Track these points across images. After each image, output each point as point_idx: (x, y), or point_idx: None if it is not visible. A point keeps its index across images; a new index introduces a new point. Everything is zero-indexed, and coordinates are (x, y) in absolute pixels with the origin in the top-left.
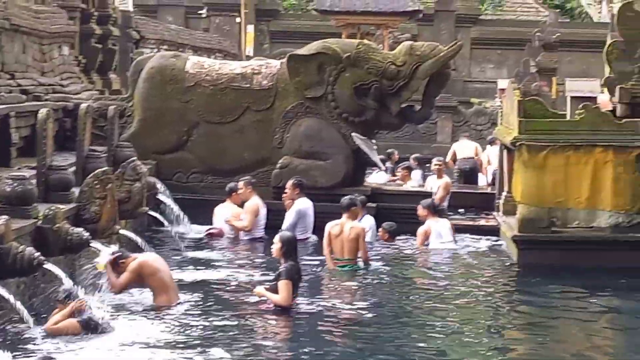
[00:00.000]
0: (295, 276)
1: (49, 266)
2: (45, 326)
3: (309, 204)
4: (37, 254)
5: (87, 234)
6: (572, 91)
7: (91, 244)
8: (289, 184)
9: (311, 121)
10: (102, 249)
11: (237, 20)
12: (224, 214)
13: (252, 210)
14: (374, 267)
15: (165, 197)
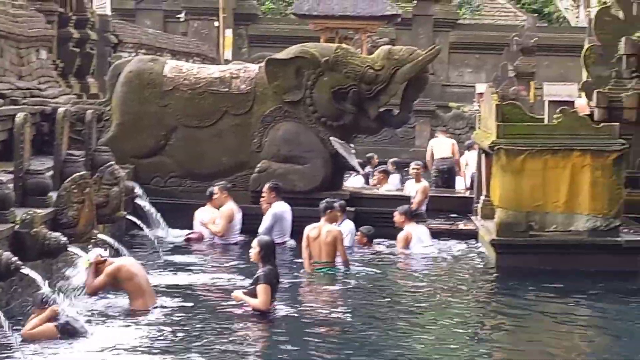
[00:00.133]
0: (273, 280)
1: (26, 271)
2: (22, 331)
3: (286, 208)
4: (14, 258)
5: (64, 239)
6: (550, 95)
7: (69, 249)
8: (266, 187)
9: (289, 125)
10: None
11: (216, 24)
12: (204, 217)
13: (226, 215)
14: (353, 271)
15: (143, 202)
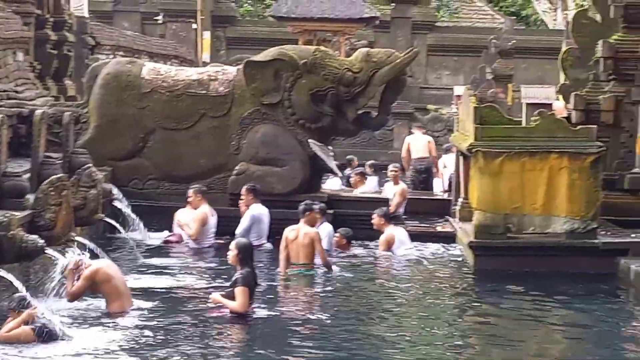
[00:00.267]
0: (251, 283)
1: (2, 273)
2: None
3: (263, 210)
4: None
5: (42, 241)
6: (528, 98)
7: (46, 251)
8: (243, 189)
9: (268, 127)
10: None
11: (194, 26)
12: (182, 219)
13: (199, 219)
14: (331, 274)
15: (121, 204)
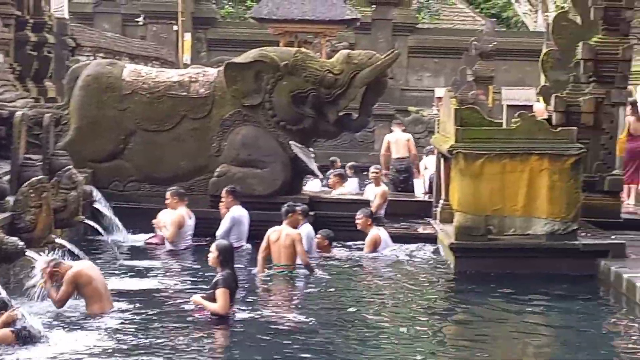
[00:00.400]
0: (232, 284)
1: None
2: None
3: (243, 212)
4: None
5: (22, 243)
6: (509, 100)
7: (26, 253)
8: (223, 192)
9: (249, 129)
10: (37, 259)
11: (175, 28)
12: (161, 221)
13: (175, 222)
14: (312, 275)
15: (101, 206)
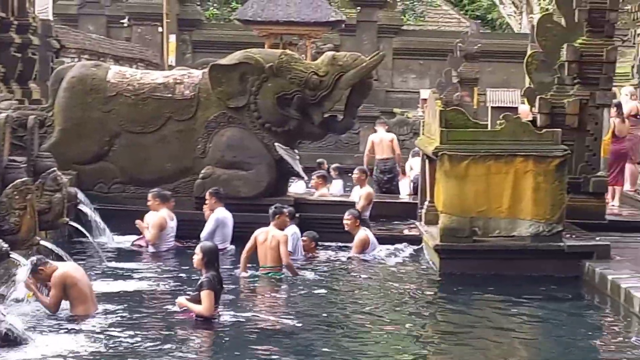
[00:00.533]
0: (217, 286)
1: None
2: None
3: (227, 214)
4: None
5: (6, 245)
6: (493, 101)
7: (10, 255)
8: (207, 193)
9: (234, 131)
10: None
11: (160, 29)
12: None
13: (156, 224)
14: (297, 277)
15: (86, 208)
